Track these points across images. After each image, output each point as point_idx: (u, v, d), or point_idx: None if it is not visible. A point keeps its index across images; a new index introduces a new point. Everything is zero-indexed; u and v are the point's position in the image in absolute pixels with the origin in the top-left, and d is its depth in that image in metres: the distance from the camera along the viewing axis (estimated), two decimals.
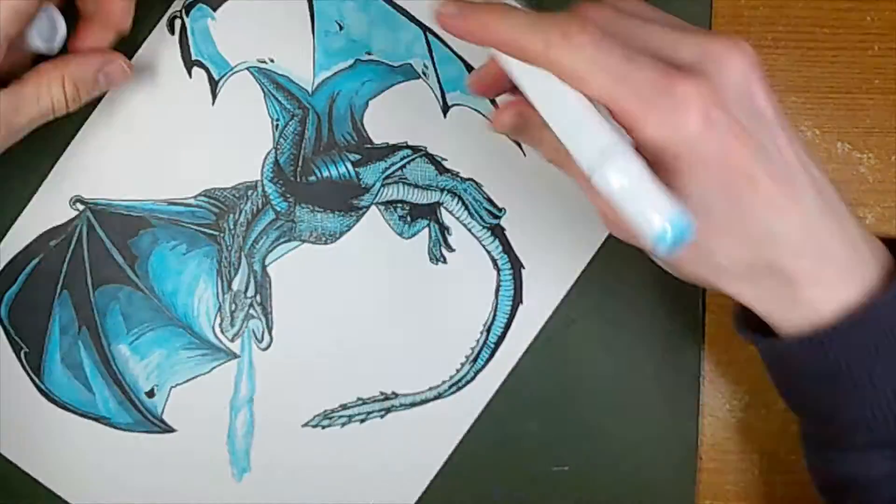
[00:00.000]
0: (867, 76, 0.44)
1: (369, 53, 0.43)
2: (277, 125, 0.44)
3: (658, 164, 0.29)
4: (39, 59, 0.39)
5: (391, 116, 0.44)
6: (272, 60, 0.43)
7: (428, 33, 0.43)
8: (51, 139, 0.43)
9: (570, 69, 0.29)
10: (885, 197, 0.45)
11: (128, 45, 0.43)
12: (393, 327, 0.44)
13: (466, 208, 0.44)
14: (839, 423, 0.33)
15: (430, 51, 0.44)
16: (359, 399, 0.44)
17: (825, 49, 0.44)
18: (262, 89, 0.44)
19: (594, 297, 0.44)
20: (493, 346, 0.44)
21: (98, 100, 0.43)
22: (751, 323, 0.34)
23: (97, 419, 0.44)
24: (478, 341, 0.44)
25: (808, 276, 0.31)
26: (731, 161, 0.29)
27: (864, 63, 0.44)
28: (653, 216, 0.27)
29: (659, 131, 0.28)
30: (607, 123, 0.28)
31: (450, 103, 0.44)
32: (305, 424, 0.44)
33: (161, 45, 0.43)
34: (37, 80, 0.38)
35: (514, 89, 0.33)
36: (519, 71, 0.30)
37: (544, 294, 0.44)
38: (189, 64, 0.43)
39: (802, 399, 0.34)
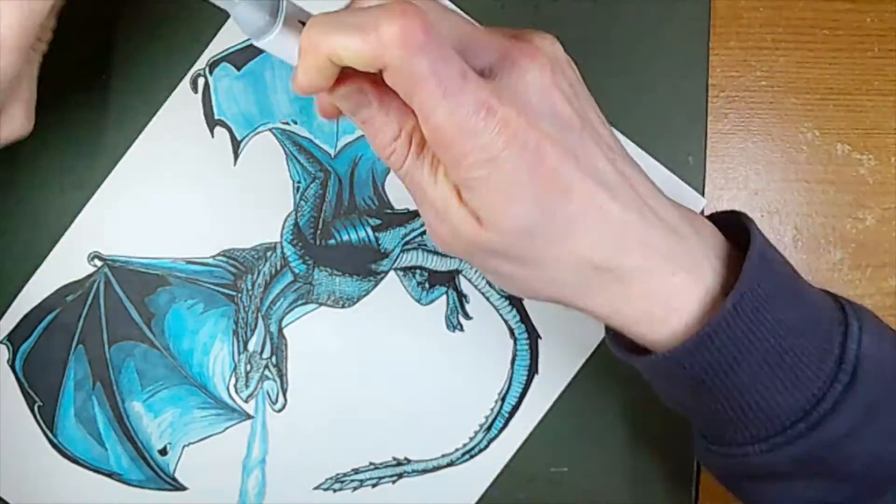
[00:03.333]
0: (867, 77, 0.44)
1: None
2: (299, 187, 0.44)
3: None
4: None
5: None
6: (295, 122, 0.43)
7: None
8: (71, 194, 0.43)
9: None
10: (886, 198, 0.45)
11: (151, 102, 0.43)
12: (408, 393, 0.44)
13: (485, 277, 0.44)
14: (716, 424, 0.33)
15: None
16: (371, 464, 0.44)
17: (825, 50, 0.44)
18: (285, 151, 0.43)
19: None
20: (507, 415, 0.44)
21: (119, 156, 0.43)
22: (626, 342, 0.34)
23: (109, 475, 0.44)
24: (492, 410, 0.44)
25: (635, 272, 0.31)
26: (539, 172, 0.28)
27: (864, 64, 0.44)
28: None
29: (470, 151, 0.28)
30: None
31: None
32: (317, 487, 0.44)
33: (184, 104, 0.43)
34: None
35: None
36: None
37: (560, 365, 0.44)
38: (212, 123, 0.43)
39: (681, 404, 0.35)
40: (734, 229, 0.33)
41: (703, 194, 0.44)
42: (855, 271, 0.45)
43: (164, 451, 0.44)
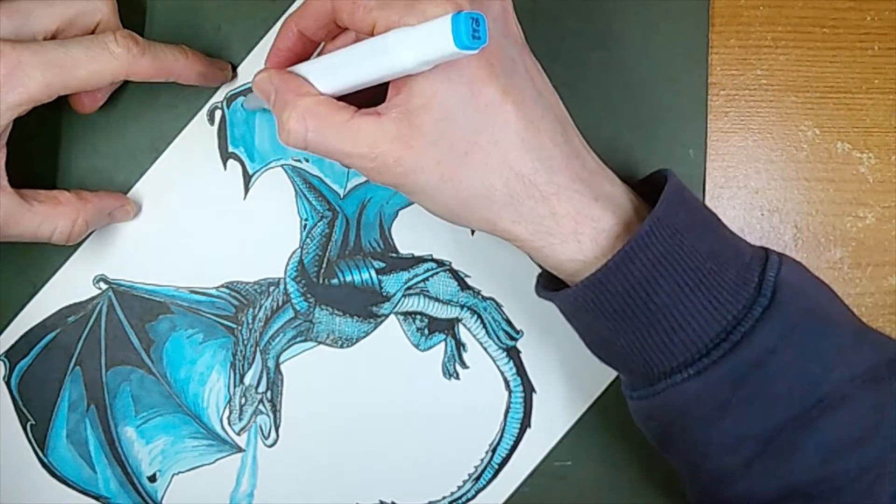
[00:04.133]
0: (867, 76, 0.45)
1: None
2: (306, 225, 0.44)
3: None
4: None
5: (419, 228, 0.44)
6: (307, 160, 0.44)
7: None
8: None
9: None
10: (885, 197, 0.45)
11: (167, 130, 0.44)
12: (399, 438, 0.44)
13: (484, 327, 0.44)
14: (642, 356, 0.34)
15: None
16: None
17: (825, 49, 0.45)
18: (295, 188, 0.44)
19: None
20: (496, 466, 0.44)
21: (133, 182, 0.43)
22: (549, 287, 0.36)
23: (97, 498, 0.44)
24: (482, 460, 0.44)
25: (561, 190, 0.33)
26: (479, 81, 0.32)
27: (864, 63, 0.45)
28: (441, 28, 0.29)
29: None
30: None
31: None
32: None
33: (200, 134, 0.44)
34: (52, 206, 0.39)
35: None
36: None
37: (553, 420, 0.44)
38: (225, 155, 0.44)
39: (607, 342, 0.35)
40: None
41: (703, 191, 0.44)
42: (855, 270, 0.45)
43: (153, 478, 0.44)
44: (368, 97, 0.34)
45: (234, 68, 0.43)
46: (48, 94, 0.36)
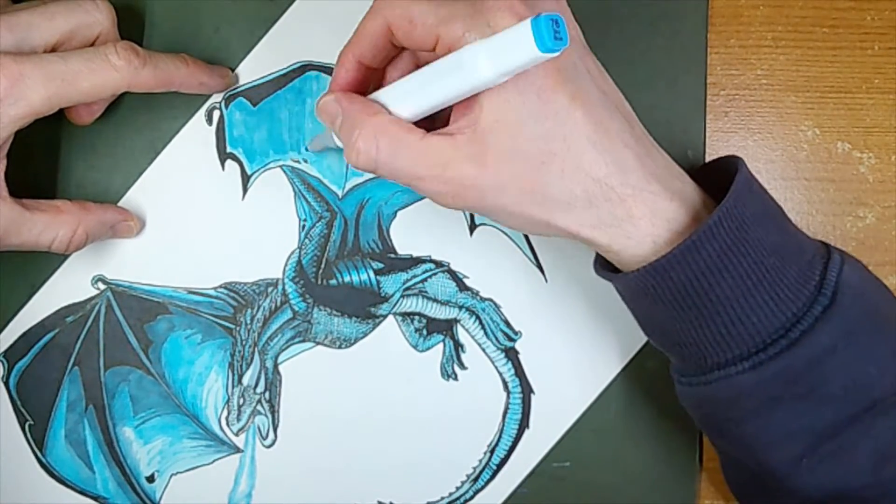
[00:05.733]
0: (867, 75, 0.45)
1: None
2: (304, 225, 0.44)
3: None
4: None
5: (418, 229, 0.44)
6: (305, 161, 0.44)
7: None
8: None
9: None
10: (885, 197, 0.45)
11: (165, 131, 0.44)
12: (397, 438, 0.44)
13: (483, 328, 0.44)
14: (698, 346, 0.34)
15: None
16: None
17: (825, 48, 0.44)
18: (293, 188, 0.44)
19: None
20: (494, 467, 0.44)
21: (131, 182, 0.43)
22: (609, 266, 0.36)
23: (95, 498, 0.44)
24: (480, 461, 0.44)
25: (637, 192, 0.33)
26: (547, 89, 0.31)
27: (864, 62, 0.45)
28: (524, 32, 0.28)
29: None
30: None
31: (477, 222, 0.44)
32: None
33: (198, 135, 0.44)
34: (53, 215, 0.39)
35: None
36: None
37: (551, 421, 0.44)
38: (223, 156, 0.44)
39: (662, 328, 0.35)
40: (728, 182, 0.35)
41: None
42: None
43: (151, 479, 0.44)
44: (427, 124, 0.34)
45: (234, 71, 0.43)
46: (50, 107, 0.36)
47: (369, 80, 0.37)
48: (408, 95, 0.33)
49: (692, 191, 0.34)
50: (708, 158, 0.44)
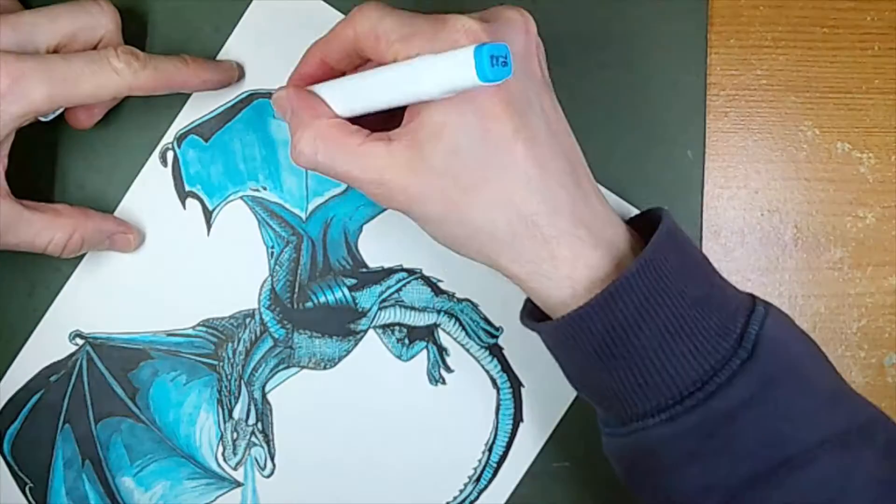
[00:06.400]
0: (867, 76, 0.45)
1: None
2: (273, 252, 0.44)
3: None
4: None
5: (386, 240, 0.44)
6: (265, 188, 0.44)
7: None
8: (49, 275, 0.43)
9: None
10: (885, 197, 0.45)
11: (122, 177, 0.44)
12: (395, 450, 0.44)
13: (464, 329, 0.44)
14: (618, 396, 0.34)
15: None
16: None
17: (825, 49, 0.45)
18: (256, 217, 0.44)
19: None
20: (495, 465, 0.44)
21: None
22: (535, 317, 0.36)
23: None
24: (480, 461, 0.44)
25: (563, 235, 0.33)
26: (491, 117, 0.32)
27: (864, 63, 0.45)
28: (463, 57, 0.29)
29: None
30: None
31: None
32: None
33: (154, 178, 0.44)
34: (51, 216, 0.39)
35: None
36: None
37: (545, 411, 0.44)
38: (182, 195, 0.44)
39: (584, 378, 0.35)
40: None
41: (702, 192, 0.44)
42: (855, 270, 0.45)
43: None
44: (382, 120, 0.34)
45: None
46: (50, 106, 0.36)
47: (328, 79, 0.37)
48: (351, 93, 0.34)
49: (623, 241, 0.34)
50: (708, 158, 0.44)
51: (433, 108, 0.32)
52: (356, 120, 0.34)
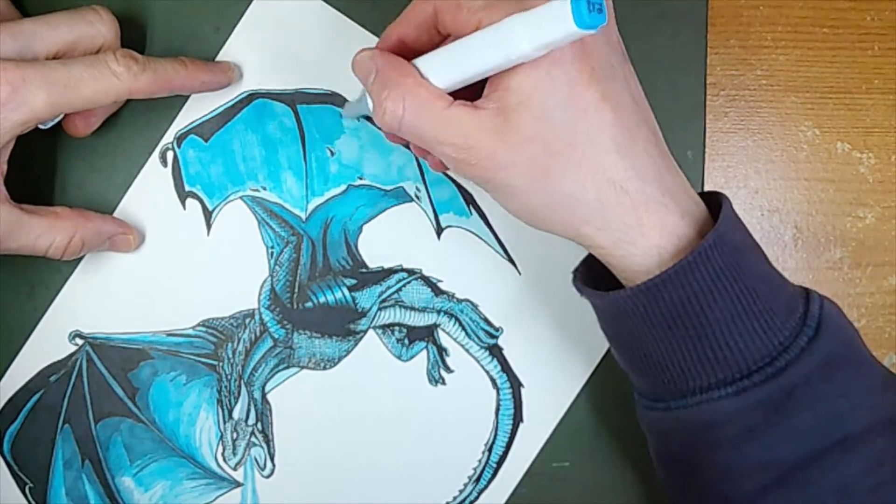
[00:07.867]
0: (867, 76, 0.45)
1: (361, 178, 0.44)
2: (272, 253, 0.44)
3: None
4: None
5: (385, 240, 0.44)
6: (264, 188, 0.44)
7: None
8: (49, 276, 0.43)
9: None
10: (886, 196, 0.45)
11: (122, 178, 0.44)
12: (395, 450, 0.44)
13: (463, 329, 0.44)
14: (681, 368, 0.33)
15: (422, 173, 0.44)
16: None
17: (825, 49, 0.45)
18: (256, 218, 0.44)
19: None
20: (494, 465, 0.44)
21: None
22: (589, 283, 0.35)
23: None
24: (479, 461, 0.44)
25: (651, 202, 0.32)
26: (580, 83, 0.31)
27: (864, 63, 0.45)
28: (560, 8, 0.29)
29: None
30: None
31: (443, 225, 0.44)
32: None
33: (154, 178, 0.44)
34: (51, 220, 0.39)
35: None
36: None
37: (545, 412, 0.44)
38: (182, 195, 0.44)
39: (643, 349, 0.34)
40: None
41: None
42: (855, 270, 0.45)
43: None
44: (460, 97, 0.34)
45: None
46: (51, 113, 0.36)
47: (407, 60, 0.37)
48: (444, 64, 0.33)
49: (702, 213, 0.34)
50: (708, 158, 0.44)
51: (521, 74, 0.31)
52: None
